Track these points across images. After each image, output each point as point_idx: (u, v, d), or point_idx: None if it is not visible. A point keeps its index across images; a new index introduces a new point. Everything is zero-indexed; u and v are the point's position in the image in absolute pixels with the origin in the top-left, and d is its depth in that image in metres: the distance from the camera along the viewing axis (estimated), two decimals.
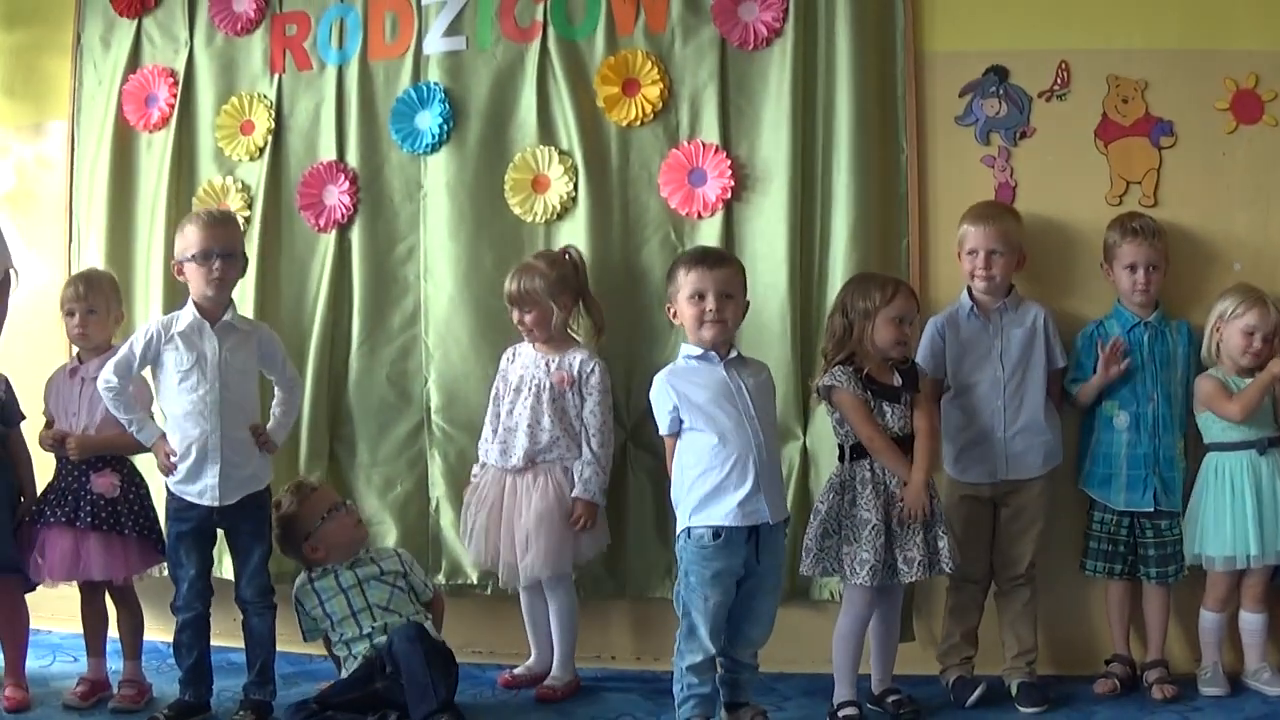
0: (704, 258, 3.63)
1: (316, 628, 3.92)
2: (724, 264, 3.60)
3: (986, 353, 3.90)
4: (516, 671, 4.08)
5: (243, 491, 3.77)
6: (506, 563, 3.95)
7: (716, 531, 3.49)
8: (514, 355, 4.08)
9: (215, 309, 3.78)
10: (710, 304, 3.52)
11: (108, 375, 3.75)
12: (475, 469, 4.10)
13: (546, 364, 3.98)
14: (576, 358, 3.97)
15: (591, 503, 3.92)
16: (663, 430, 3.63)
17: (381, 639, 3.73)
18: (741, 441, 3.50)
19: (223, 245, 3.75)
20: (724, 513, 3.49)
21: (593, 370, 3.96)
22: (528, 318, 3.97)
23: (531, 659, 4.10)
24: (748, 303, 3.65)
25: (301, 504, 3.95)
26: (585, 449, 3.94)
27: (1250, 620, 3.89)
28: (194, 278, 3.77)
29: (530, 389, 3.96)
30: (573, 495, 3.92)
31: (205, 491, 3.73)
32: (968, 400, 3.91)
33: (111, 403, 3.77)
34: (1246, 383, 3.82)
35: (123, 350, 3.79)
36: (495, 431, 4.03)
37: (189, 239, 3.77)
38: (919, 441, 3.70)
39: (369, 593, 3.84)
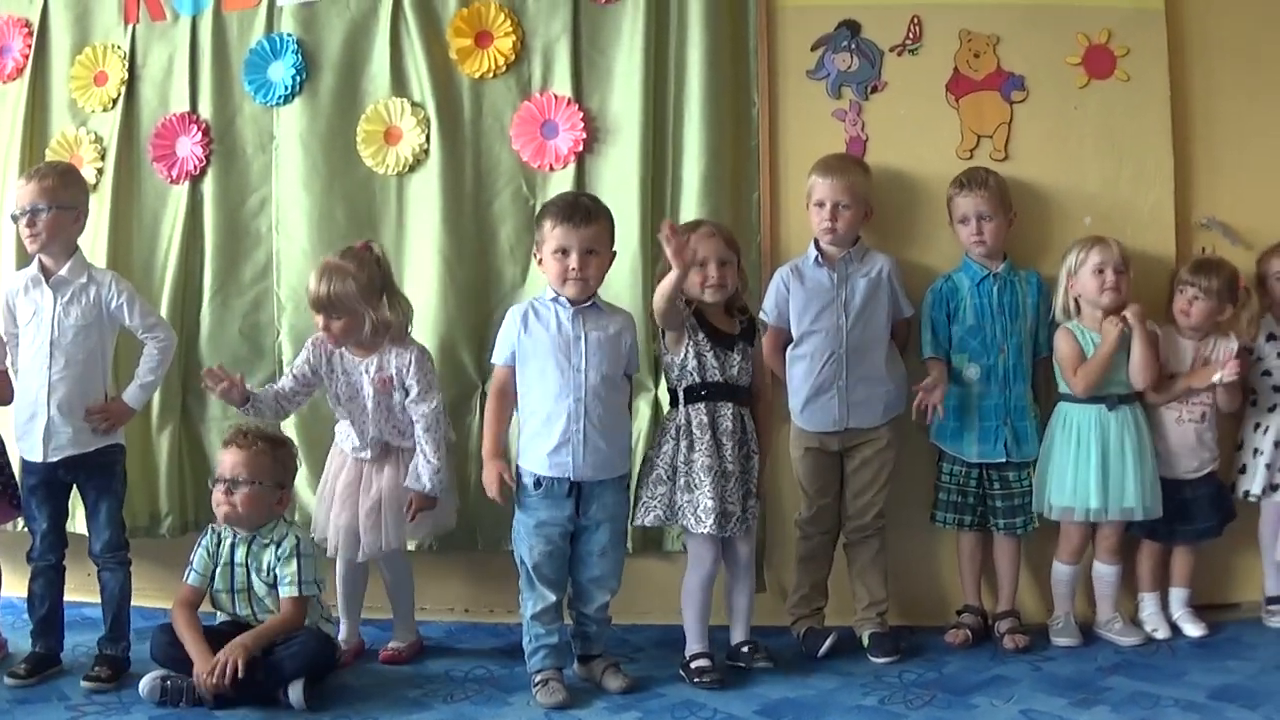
0: (571, 214, 3.53)
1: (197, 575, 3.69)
2: (590, 221, 3.52)
3: (829, 301, 3.90)
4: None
5: (74, 449, 3.70)
6: (349, 541, 3.83)
7: (538, 481, 3.53)
8: (327, 352, 3.84)
9: (50, 263, 3.73)
10: (574, 262, 3.51)
11: None
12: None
13: (366, 369, 3.82)
14: (392, 355, 3.81)
15: (424, 495, 3.77)
16: (497, 359, 3.63)
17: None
18: (561, 395, 3.51)
19: (31, 203, 3.66)
20: (536, 461, 3.52)
21: (409, 364, 3.79)
22: (335, 325, 3.74)
23: (343, 631, 3.96)
24: (614, 253, 3.64)
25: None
26: (417, 442, 3.79)
27: (1104, 571, 3.95)
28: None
29: (360, 398, 3.82)
30: (405, 484, 3.79)
31: (33, 448, 3.70)
32: (809, 348, 3.91)
33: None
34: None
35: None
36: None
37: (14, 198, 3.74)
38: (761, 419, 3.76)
39: (253, 581, 3.62)
